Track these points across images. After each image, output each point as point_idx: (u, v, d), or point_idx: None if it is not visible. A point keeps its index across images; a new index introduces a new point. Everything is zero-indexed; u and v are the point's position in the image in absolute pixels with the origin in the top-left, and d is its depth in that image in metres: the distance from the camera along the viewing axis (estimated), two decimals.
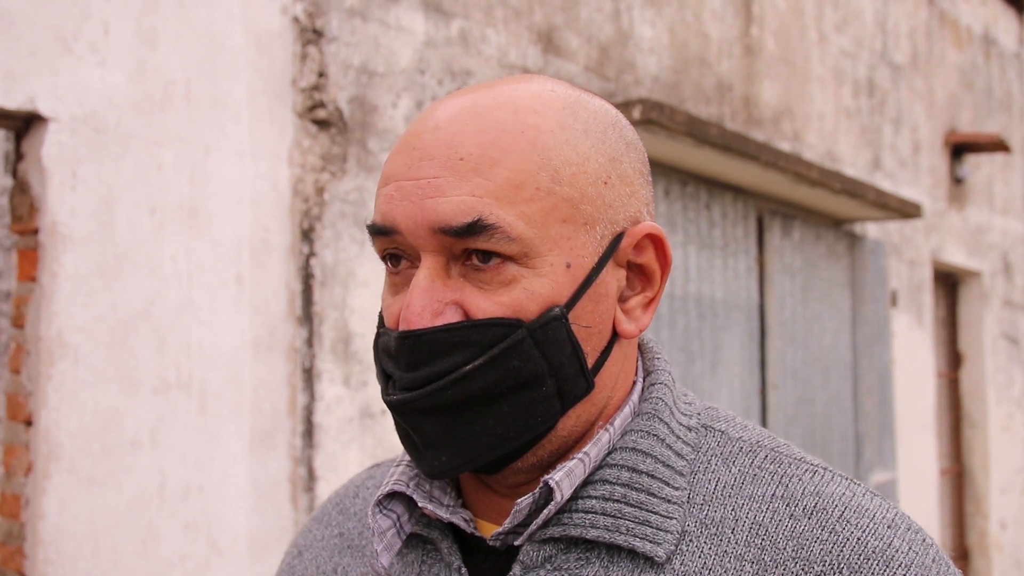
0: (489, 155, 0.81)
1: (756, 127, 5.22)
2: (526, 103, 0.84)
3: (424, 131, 0.84)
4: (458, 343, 0.81)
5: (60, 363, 2.54)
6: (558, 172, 0.82)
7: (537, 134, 0.83)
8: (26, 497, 2.53)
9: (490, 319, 0.81)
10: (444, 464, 0.84)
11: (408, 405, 0.83)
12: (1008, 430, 7.91)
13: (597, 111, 0.87)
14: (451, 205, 0.80)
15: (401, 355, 0.82)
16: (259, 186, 2.99)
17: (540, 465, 0.86)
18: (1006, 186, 8.09)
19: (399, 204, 0.83)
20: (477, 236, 0.80)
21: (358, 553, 0.99)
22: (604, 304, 0.85)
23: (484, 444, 0.83)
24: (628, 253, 0.87)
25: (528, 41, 3.89)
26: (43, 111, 2.53)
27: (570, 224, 0.82)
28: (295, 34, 3.12)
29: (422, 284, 0.82)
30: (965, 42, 7.61)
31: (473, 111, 0.84)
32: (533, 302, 0.81)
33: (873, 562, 0.80)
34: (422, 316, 0.81)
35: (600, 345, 0.86)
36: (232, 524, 2.87)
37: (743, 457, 0.88)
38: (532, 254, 0.81)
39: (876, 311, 6.20)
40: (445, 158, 0.82)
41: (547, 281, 0.82)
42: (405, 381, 0.83)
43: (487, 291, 0.82)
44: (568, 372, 0.83)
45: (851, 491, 0.86)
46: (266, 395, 2.97)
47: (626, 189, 0.87)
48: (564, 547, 0.85)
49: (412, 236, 0.82)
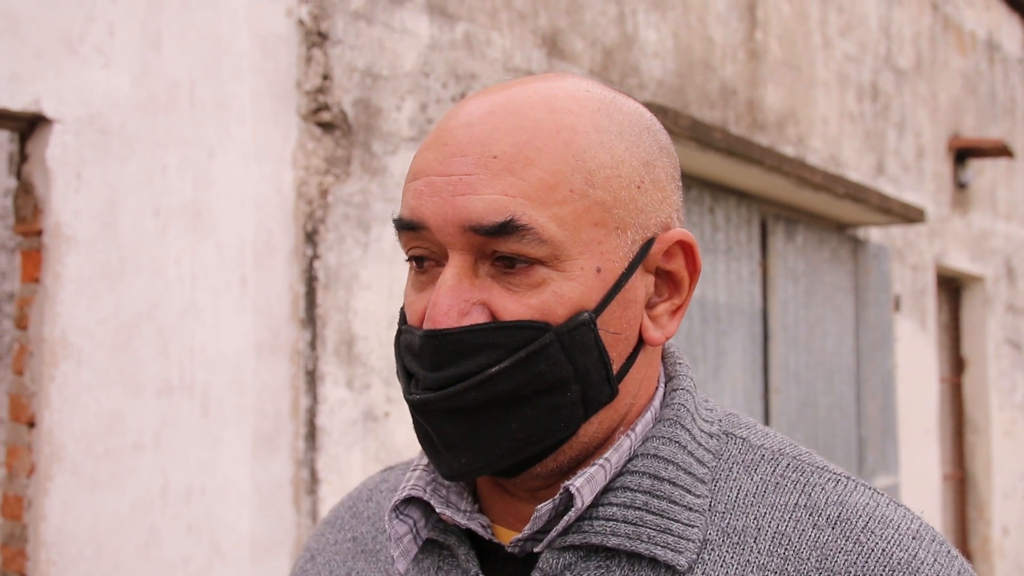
0: (524, 154, 0.80)
1: (760, 131, 5.21)
2: (561, 103, 0.83)
3: (456, 127, 0.82)
4: (484, 344, 0.80)
5: (63, 365, 2.54)
6: (592, 175, 0.81)
7: (572, 135, 0.81)
8: (28, 499, 2.53)
9: (518, 321, 0.80)
10: (463, 466, 0.82)
11: (431, 405, 0.81)
12: (1011, 435, 7.90)
13: (632, 114, 0.86)
14: (483, 203, 0.79)
15: (425, 354, 0.81)
16: (263, 189, 2.99)
17: (560, 470, 0.85)
18: (1010, 191, 8.09)
19: (429, 200, 0.81)
20: (509, 236, 0.79)
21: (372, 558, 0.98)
22: (632, 310, 0.84)
23: (505, 448, 0.81)
24: (658, 259, 0.86)
25: (532, 44, 3.89)
26: (48, 113, 2.53)
27: (602, 228, 0.81)
28: (300, 37, 3.12)
29: (449, 283, 0.80)
30: (969, 47, 7.60)
31: (508, 108, 0.82)
32: (562, 306, 0.80)
33: (898, 573, 0.79)
34: (448, 316, 0.80)
35: (626, 351, 0.85)
36: (234, 527, 2.87)
37: (765, 465, 0.87)
38: (563, 257, 0.80)
39: (879, 316, 6.19)
40: (478, 155, 0.80)
41: (577, 285, 0.80)
42: (428, 381, 0.81)
43: (515, 293, 0.80)
44: (593, 378, 0.82)
45: (875, 501, 0.84)
46: (269, 398, 2.97)
47: (658, 194, 0.85)
48: (584, 555, 0.84)
49: (440, 233, 0.81)
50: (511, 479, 0.87)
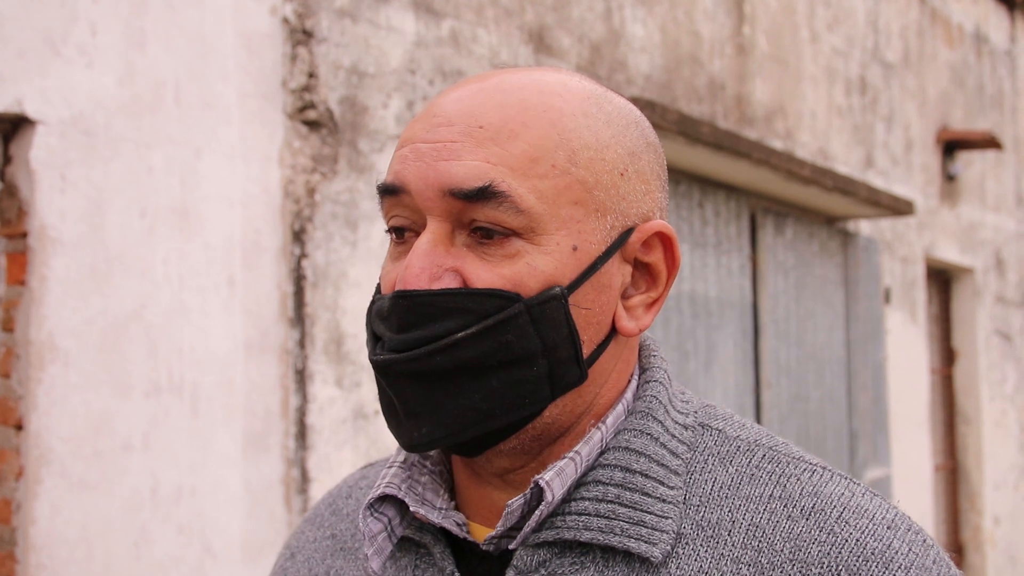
0: (509, 127, 0.81)
1: (748, 126, 5.22)
2: (551, 87, 0.84)
3: (446, 101, 0.84)
4: (453, 309, 0.80)
5: (50, 367, 2.53)
6: (575, 154, 0.82)
7: (559, 115, 0.83)
8: (17, 502, 2.52)
9: (488, 289, 0.80)
10: (424, 436, 0.82)
11: (394, 366, 0.81)
12: (1001, 426, 7.93)
13: (621, 107, 0.88)
14: (464, 168, 0.80)
15: (393, 315, 0.81)
16: (250, 188, 2.98)
17: (522, 450, 0.85)
18: (998, 183, 8.11)
19: (412, 164, 0.82)
20: (486, 202, 0.79)
21: (351, 555, 0.97)
22: (606, 296, 0.84)
23: (468, 418, 0.81)
24: (636, 249, 0.86)
25: (519, 41, 3.88)
26: (31, 114, 2.52)
27: (581, 207, 0.82)
28: (285, 35, 3.11)
29: (424, 247, 0.81)
30: (956, 40, 7.62)
31: (498, 87, 0.84)
32: (534, 278, 0.80)
33: (872, 564, 0.79)
34: (419, 278, 0.80)
35: (597, 337, 0.84)
36: (225, 527, 2.86)
37: (740, 456, 0.87)
38: (539, 230, 0.80)
39: (869, 308, 6.21)
40: (464, 124, 0.82)
41: (551, 260, 0.81)
42: (394, 343, 0.82)
43: (489, 262, 0.81)
44: (561, 355, 0.82)
45: (850, 491, 0.84)
46: (258, 397, 2.96)
47: (641, 186, 0.86)
48: (558, 551, 0.83)
49: (420, 197, 0.82)
50: (475, 458, 0.86)
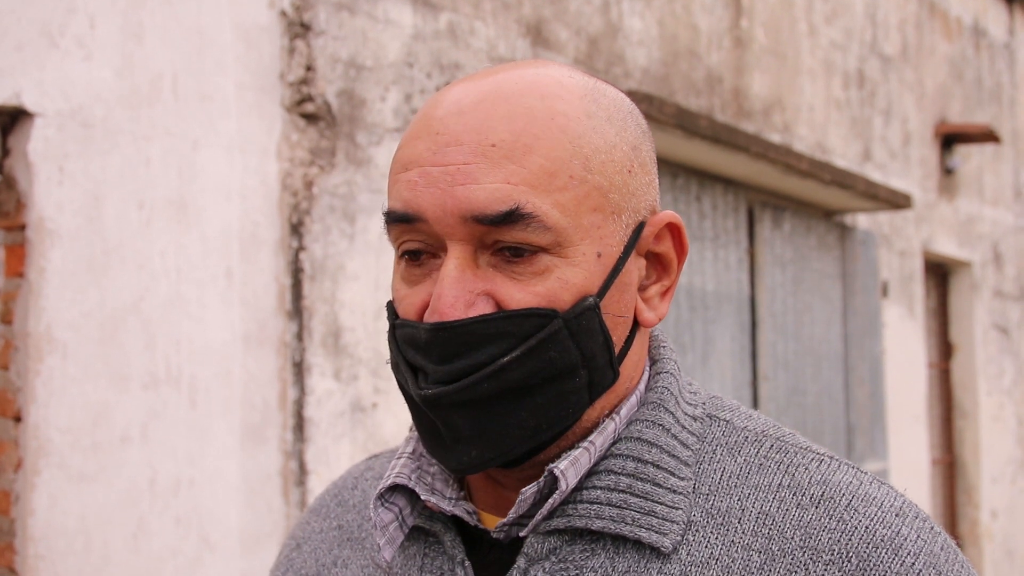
0: (522, 142, 0.79)
1: (746, 119, 5.22)
2: (551, 89, 0.83)
3: (447, 116, 0.82)
4: (494, 334, 0.79)
5: (49, 359, 2.54)
6: (589, 160, 0.81)
7: (567, 121, 0.81)
8: (16, 493, 2.53)
9: (526, 309, 0.80)
10: (474, 459, 0.82)
11: (444, 399, 0.80)
12: (999, 420, 7.94)
13: (616, 99, 0.87)
14: (485, 193, 0.78)
15: (434, 347, 0.80)
16: (248, 180, 2.98)
17: (557, 455, 0.85)
18: (996, 176, 8.11)
19: (425, 191, 0.80)
20: (513, 225, 0.79)
21: (358, 545, 0.98)
22: (628, 293, 0.85)
23: (516, 437, 0.81)
24: (649, 242, 0.87)
25: (517, 34, 3.89)
26: (29, 106, 2.52)
27: (600, 213, 0.82)
28: (283, 28, 3.11)
29: (452, 274, 0.80)
30: (955, 33, 7.62)
31: (499, 96, 0.82)
32: (567, 292, 0.80)
33: (882, 551, 0.80)
34: (455, 307, 0.79)
35: (624, 334, 0.85)
36: (223, 519, 2.87)
37: (749, 447, 0.87)
38: (565, 243, 0.80)
39: (867, 302, 6.21)
40: (475, 144, 0.79)
41: (580, 271, 0.81)
42: (439, 375, 0.81)
43: (520, 281, 0.80)
44: (599, 362, 0.82)
45: (858, 479, 0.85)
46: (256, 389, 2.97)
47: (645, 178, 0.86)
48: (569, 539, 0.84)
49: (439, 224, 0.80)
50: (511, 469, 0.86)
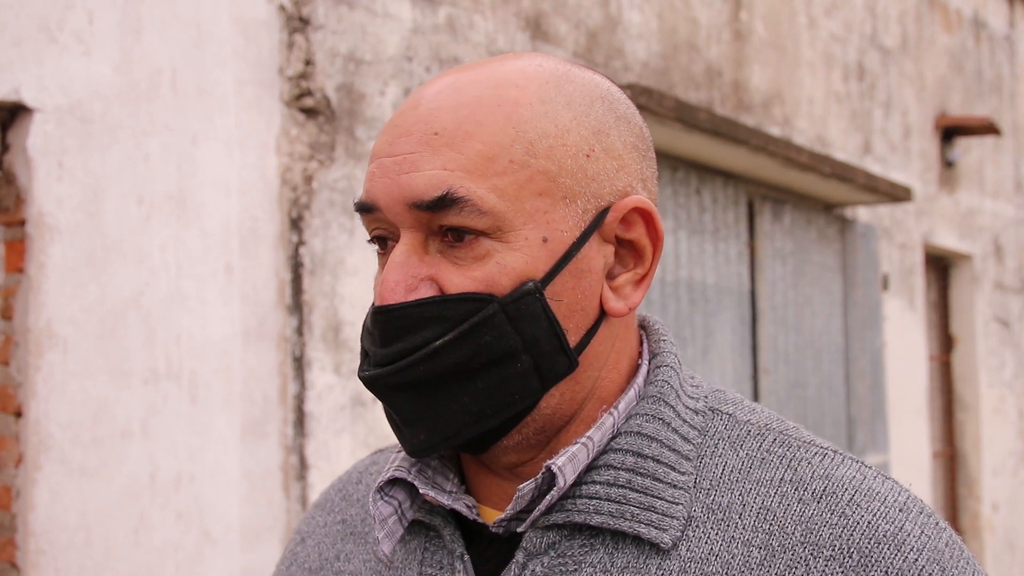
0: (463, 129, 0.81)
1: (746, 112, 5.22)
2: (508, 77, 0.84)
3: (407, 110, 0.84)
4: (429, 318, 0.81)
5: (49, 354, 2.54)
6: (533, 145, 0.81)
7: (514, 107, 0.82)
8: (17, 488, 2.53)
9: (461, 294, 0.81)
10: (424, 442, 0.83)
11: (379, 381, 0.83)
12: (1000, 412, 7.94)
13: (585, 84, 0.86)
14: (423, 179, 0.80)
15: (376, 330, 0.83)
16: (247, 175, 2.98)
17: (528, 443, 0.85)
18: (997, 169, 8.10)
19: (379, 181, 0.83)
20: (448, 210, 0.80)
21: (361, 540, 0.98)
22: (587, 280, 0.84)
23: (461, 421, 0.82)
24: (615, 228, 0.85)
25: (516, 27, 3.88)
26: (28, 102, 2.52)
27: (547, 197, 0.81)
28: (281, 22, 3.11)
29: (398, 259, 0.82)
30: (955, 25, 7.61)
31: (454, 87, 0.83)
32: (506, 276, 0.81)
33: (884, 546, 0.79)
34: (395, 291, 0.81)
35: (585, 323, 0.84)
36: (224, 513, 2.87)
37: (751, 441, 0.86)
38: (505, 228, 0.80)
39: (867, 295, 6.21)
40: (421, 133, 0.82)
41: (521, 255, 0.81)
42: (378, 357, 0.83)
43: (461, 266, 0.81)
44: (544, 348, 0.82)
45: (861, 474, 0.84)
46: (257, 384, 2.97)
47: (613, 163, 0.85)
48: (568, 533, 0.84)
49: (390, 212, 0.82)
50: (482, 455, 0.87)
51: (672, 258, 4.68)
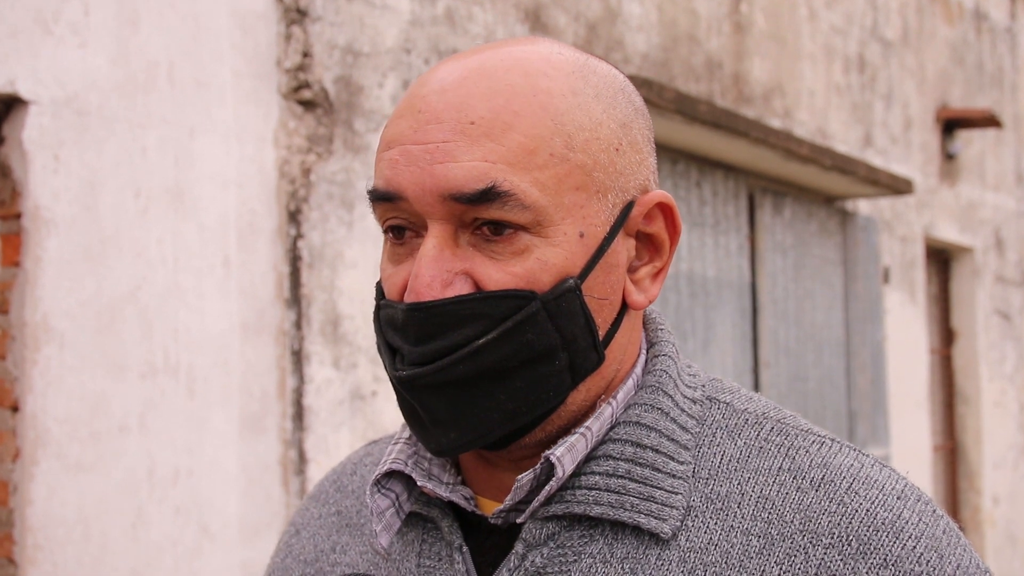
0: (502, 119, 0.78)
1: (746, 104, 5.20)
2: (536, 66, 0.81)
3: (430, 93, 0.81)
4: (470, 316, 0.78)
5: (46, 348, 2.52)
6: (571, 138, 0.80)
7: (549, 98, 0.80)
8: (14, 483, 2.52)
9: (503, 291, 0.79)
10: (453, 441, 0.81)
11: (418, 380, 0.80)
12: (1001, 406, 7.93)
13: (606, 76, 0.85)
14: (463, 171, 0.78)
15: (410, 328, 0.79)
16: (245, 168, 2.97)
17: (548, 440, 0.84)
18: (998, 161, 8.08)
19: (405, 169, 0.79)
20: (490, 204, 0.77)
21: (356, 531, 0.97)
22: (615, 275, 0.83)
23: (494, 420, 0.80)
24: (638, 222, 0.85)
25: (515, 19, 3.86)
26: (24, 94, 2.51)
27: (583, 192, 0.80)
28: (279, 14, 3.09)
29: (431, 253, 0.79)
30: (956, 17, 7.58)
31: (482, 73, 0.81)
32: (546, 273, 0.79)
33: (883, 534, 0.79)
34: (432, 287, 0.78)
35: (611, 317, 0.84)
36: (223, 508, 2.86)
37: (749, 429, 0.86)
38: (545, 223, 0.79)
39: (868, 288, 6.20)
40: (455, 121, 0.79)
41: (560, 251, 0.79)
42: (414, 355, 0.80)
43: (499, 261, 0.79)
44: (580, 345, 0.81)
45: (859, 462, 0.84)
46: (255, 378, 2.96)
47: (636, 156, 0.84)
48: (567, 524, 0.83)
49: (419, 203, 0.79)
50: (497, 452, 0.85)
51: None
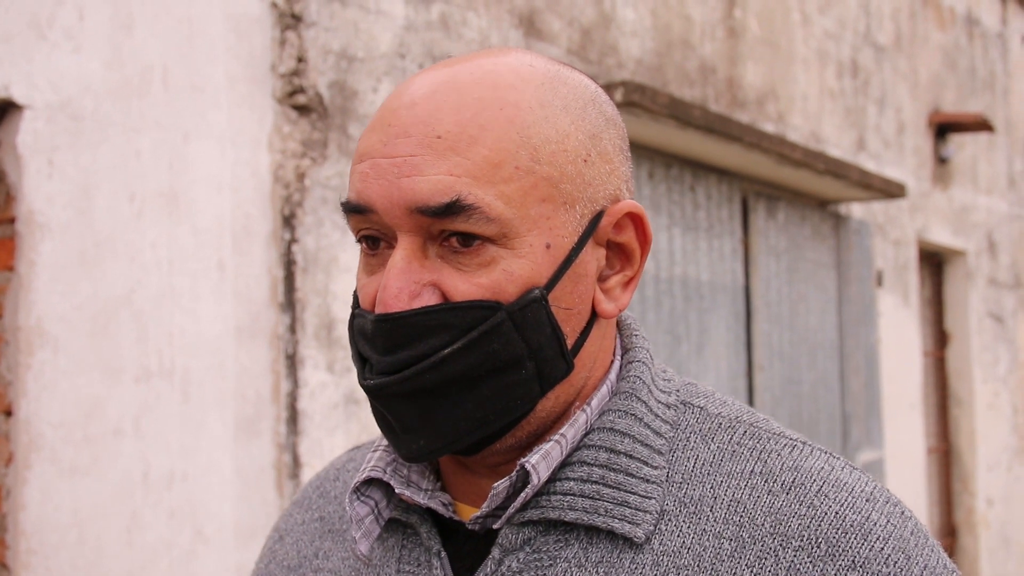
0: (467, 133, 0.80)
1: (740, 109, 5.21)
2: (504, 79, 0.83)
3: (400, 107, 0.82)
4: (436, 326, 0.80)
5: (40, 352, 2.52)
6: (537, 150, 0.81)
7: (516, 111, 0.81)
8: (7, 488, 2.52)
9: (468, 302, 0.80)
10: (422, 448, 0.83)
11: (385, 389, 0.82)
12: (994, 408, 7.95)
13: (576, 87, 0.86)
14: (428, 184, 0.79)
15: (378, 338, 0.81)
16: (239, 172, 2.97)
17: (518, 446, 0.86)
18: (990, 165, 8.11)
19: (374, 182, 0.81)
20: (455, 217, 0.79)
21: (339, 537, 0.98)
22: (583, 284, 0.84)
23: (463, 428, 0.82)
24: (608, 232, 0.86)
25: (509, 25, 3.87)
26: (18, 98, 2.51)
27: (549, 204, 0.81)
28: (274, 19, 3.10)
29: (399, 265, 0.80)
30: (948, 22, 7.61)
31: (451, 87, 0.82)
32: (512, 284, 0.80)
33: (851, 536, 0.80)
34: (399, 298, 0.80)
35: (579, 326, 0.85)
36: (217, 512, 2.86)
37: (722, 433, 0.87)
38: (511, 235, 0.80)
39: (862, 291, 6.21)
40: (422, 135, 0.80)
41: (526, 262, 0.81)
42: (382, 365, 0.82)
43: (465, 272, 0.81)
44: (547, 354, 0.82)
45: (830, 465, 0.85)
46: (249, 382, 2.96)
47: (606, 167, 0.85)
48: (543, 529, 0.84)
49: (388, 216, 0.81)
50: (470, 457, 0.87)
51: (666, 255, 4.68)
